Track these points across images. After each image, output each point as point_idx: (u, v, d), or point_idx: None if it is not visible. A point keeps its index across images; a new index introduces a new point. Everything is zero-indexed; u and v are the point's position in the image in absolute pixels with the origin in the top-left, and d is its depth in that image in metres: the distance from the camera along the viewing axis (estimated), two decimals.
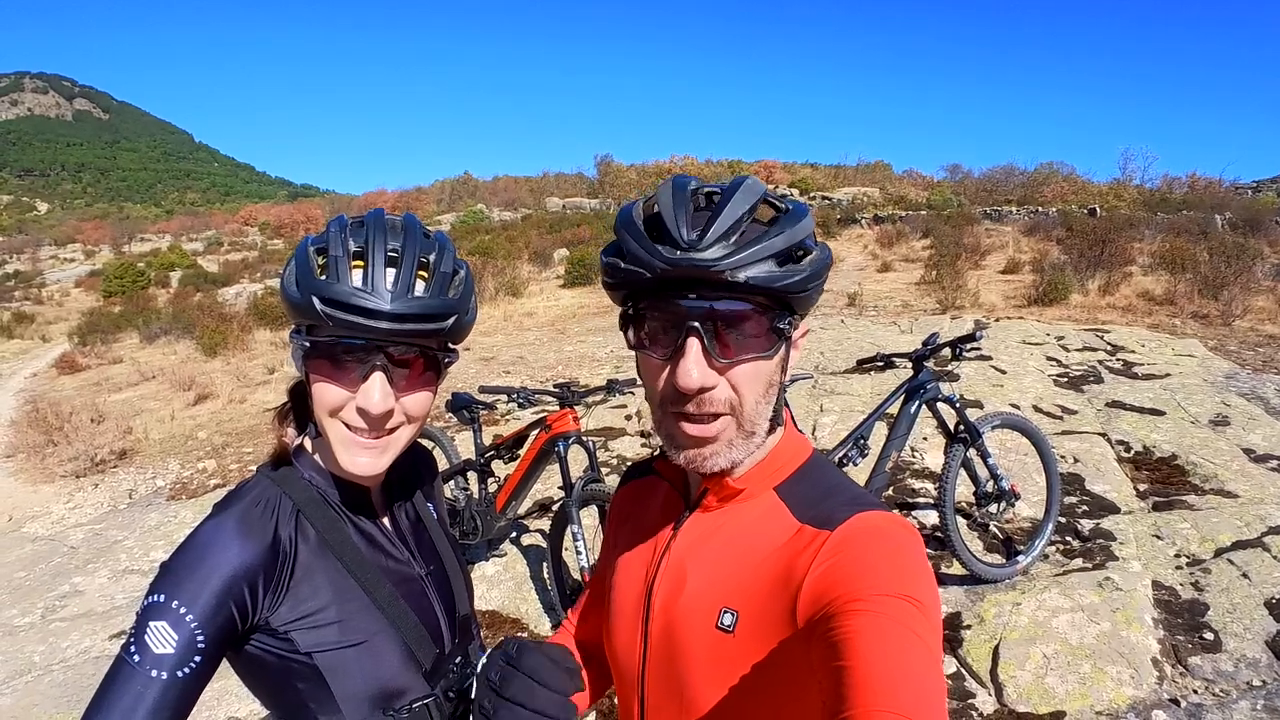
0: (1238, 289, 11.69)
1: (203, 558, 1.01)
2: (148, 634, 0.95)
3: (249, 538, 1.04)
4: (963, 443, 3.77)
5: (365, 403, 1.05)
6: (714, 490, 1.00)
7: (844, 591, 0.80)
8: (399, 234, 1.08)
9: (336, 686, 1.09)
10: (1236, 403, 6.24)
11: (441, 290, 1.08)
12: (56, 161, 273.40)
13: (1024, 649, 3.26)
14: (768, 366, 0.92)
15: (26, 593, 5.86)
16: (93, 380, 16.23)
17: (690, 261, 0.85)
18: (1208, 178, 35.76)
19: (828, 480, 1.00)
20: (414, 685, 1.17)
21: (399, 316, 1.02)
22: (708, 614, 0.95)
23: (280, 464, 1.17)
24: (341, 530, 1.15)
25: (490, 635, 3.99)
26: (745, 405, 0.92)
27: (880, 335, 9.20)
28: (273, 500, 1.11)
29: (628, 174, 49.37)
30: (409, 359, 1.08)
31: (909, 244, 22.67)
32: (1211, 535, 4.09)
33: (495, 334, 14.44)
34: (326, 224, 1.10)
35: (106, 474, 9.10)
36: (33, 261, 56.55)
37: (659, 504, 1.13)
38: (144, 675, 0.93)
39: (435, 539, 1.33)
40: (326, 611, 1.09)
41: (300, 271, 1.05)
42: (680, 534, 1.04)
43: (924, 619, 0.77)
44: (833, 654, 0.75)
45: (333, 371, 1.06)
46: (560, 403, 3.91)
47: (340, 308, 1.01)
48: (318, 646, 1.08)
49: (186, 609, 0.97)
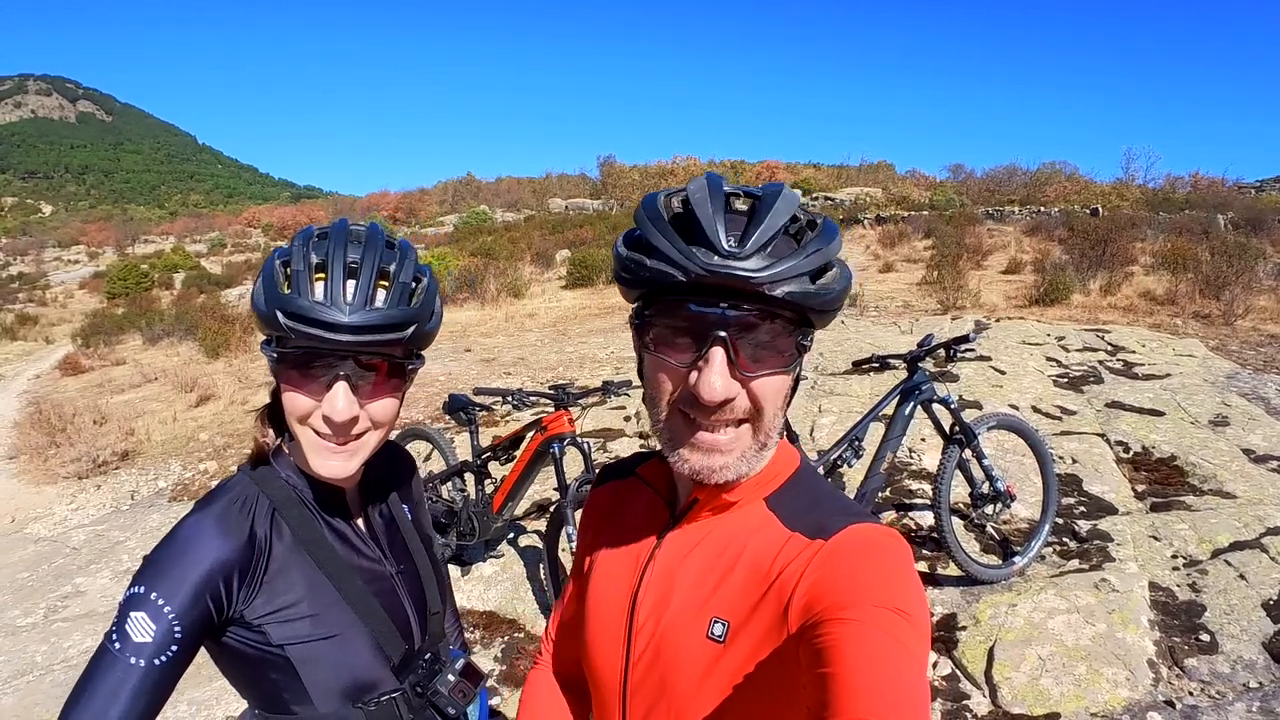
0: (1239, 289, 11.67)
1: (183, 552, 1.06)
2: (128, 623, 1.01)
3: (227, 535, 1.09)
4: (958, 444, 3.76)
5: (329, 411, 1.10)
6: (705, 501, 0.99)
7: (833, 601, 0.80)
8: (359, 245, 1.11)
9: (308, 677, 1.15)
10: (1237, 403, 6.22)
11: (402, 299, 1.11)
12: (60, 163, 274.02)
13: (1019, 650, 3.26)
14: (786, 380, 0.92)
15: (29, 593, 5.88)
16: (96, 382, 16.29)
17: (729, 271, 0.83)
18: (1211, 177, 35.76)
19: (816, 490, 1.00)
20: (384, 679, 1.23)
21: (358, 328, 1.06)
22: (697, 625, 0.94)
23: (259, 464, 1.21)
24: (315, 529, 1.20)
25: (488, 635, 4.00)
26: (765, 417, 0.91)
27: (880, 336, 9.19)
28: (251, 499, 1.15)
29: (630, 175, 49.42)
30: (375, 364, 1.12)
31: (911, 244, 22.67)
32: (1209, 536, 4.08)
33: (496, 335, 14.45)
34: (296, 234, 1.14)
35: (109, 475, 9.14)
36: (37, 263, 56.78)
37: (641, 511, 1.11)
38: (124, 662, 0.99)
39: (408, 539, 1.37)
40: (299, 606, 1.14)
41: (266, 285, 1.08)
42: (665, 544, 1.03)
43: (911, 630, 0.77)
44: (818, 660, 0.75)
45: (300, 380, 1.10)
46: (555, 404, 3.92)
47: (302, 321, 1.04)
48: (290, 639, 1.13)
49: (165, 601, 1.02)
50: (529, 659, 3.75)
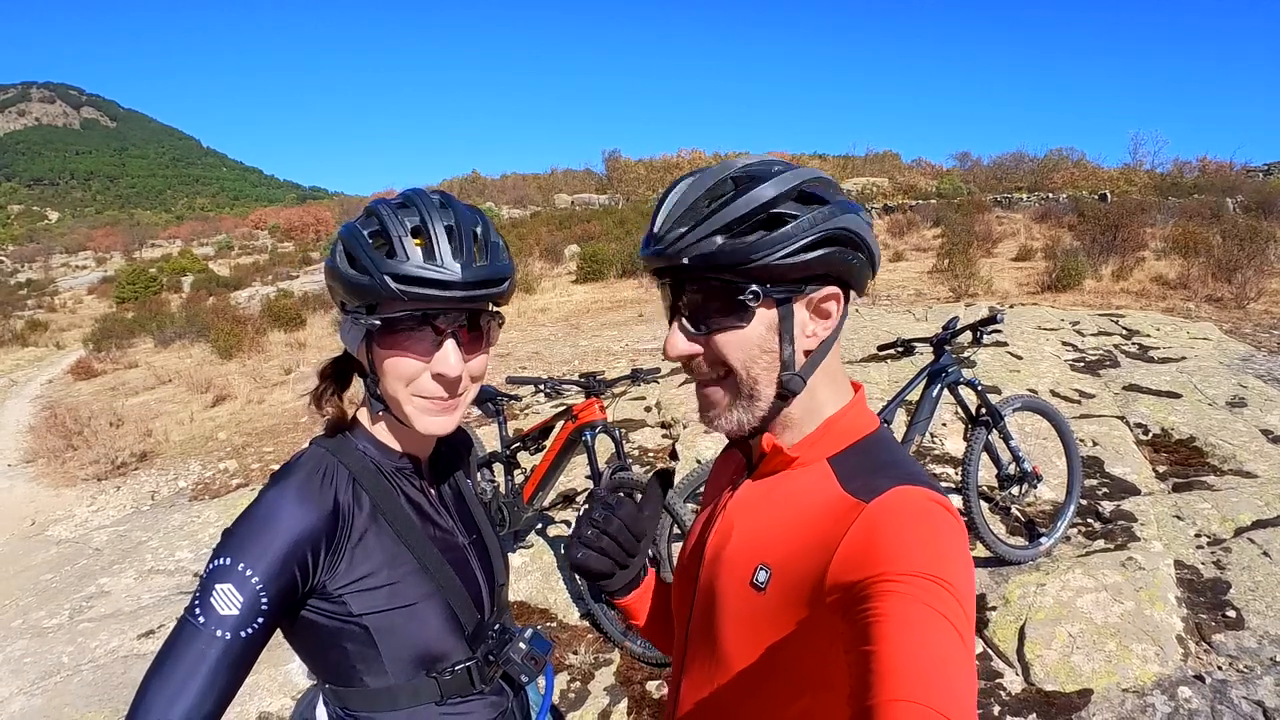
0: (1251, 272, 11.60)
1: (267, 523, 1.05)
2: (213, 596, 0.99)
3: (311, 504, 1.09)
4: (985, 426, 3.78)
5: (443, 368, 1.12)
6: (770, 457, 1.02)
7: (874, 567, 0.79)
8: (448, 210, 1.14)
9: (385, 648, 1.15)
10: (1253, 384, 6.22)
11: (496, 256, 1.16)
12: (65, 170, 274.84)
13: (1049, 629, 3.28)
14: (749, 334, 0.94)
15: (53, 594, 5.92)
16: (109, 385, 16.35)
17: (653, 250, 0.96)
18: (1218, 161, 35.56)
19: (884, 455, 0.98)
20: (456, 649, 1.23)
21: (469, 284, 1.09)
22: (745, 569, 0.97)
23: (333, 435, 1.22)
24: (393, 499, 1.20)
25: (519, 625, 4.02)
26: (735, 371, 0.96)
27: (895, 323, 9.19)
28: (330, 469, 1.15)
29: (636, 169, 49.38)
30: (469, 324, 1.16)
31: (920, 233, 22.65)
32: (1232, 515, 4.09)
33: (509, 330, 14.47)
34: (366, 207, 1.16)
35: (128, 476, 9.19)
36: (45, 270, 56.84)
37: (730, 470, 1.17)
38: (208, 634, 0.97)
39: (474, 511, 1.39)
40: (378, 575, 1.14)
41: (361, 254, 1.09)
42: (737, 494, 1.07)
43: (955, 602, 0.75)
44: (861, 637, 0.74)
45: (404, 344, 1.12)
46: (586, 392, 3.93)
47: (415, 283, 1.07)
48: (369, 609, 1.12)
49: (251, 570, 1.01)
50: (561, 648, 3.79)
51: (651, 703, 3.36)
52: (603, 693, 3.48)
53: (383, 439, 1.23)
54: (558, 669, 3.64)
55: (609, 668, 3.64)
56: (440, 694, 1.20)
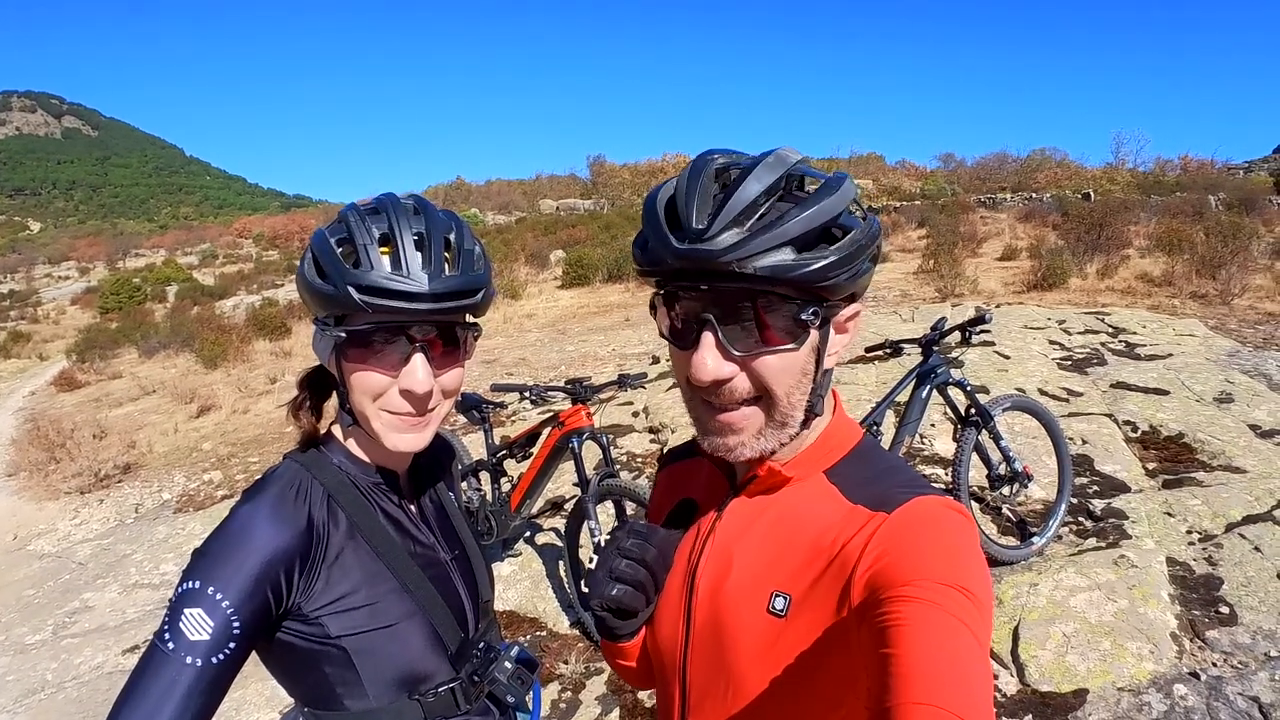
0: (1235, 268, 11.68)
1: (239, 542, 1.00)
2: (182, 620, 0.94)
3: (284, 522, 1.04)
4: (975, 426, 3.77)
5: (410, 384, 1.07)
6: (764, 476, 0.97)
7: (896, 577, 0.78)
8: (419, 216, 1.09)
9: (364, 670, 1.10)
10: (1240, 380, 6.24)
11: (469, 266, 1.10)
12: (47, 180, 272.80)
13: (1044, 629, 3.26)
14: (795, 357, 0.87)
15: (36, 610, 5.85)
16: (93, 396, 16.24)
17: (696, 252, 0.81)
18: (1200, 159, 35.94)
19: (880, 463, 0.96)
20: (439, 669, 1.18)
21: (437, 296, 1.04)
22: (758, 598, 0.92)
23: (306, 449, 1.17)
24: (371, 515, 1.15)
25: (509, 634, 3.98)
26: (775, 396, 0.88)
27: (882, 324, 9.20)
28: (304, 484, 1.11)
29: (621, 174, 49.47)
30: (445, 334, 1.10)
31: (905, 234, 22.74)
32: (1222, 511, 4.09)
33: (495, 336, 14.44)
34: (340, 212, 1.11)
35: (111, 489, 9.11)
36: (27, 280, 56.58)
37: (702, 486, 1.11)
38: (178, 661, 0.92)
39: (456, 525, 1.34)
40: (357, 595, 1.09)
41: (327, 264, 1.05)
42: (725, 516, 1.01)
43: (975, 609, 0.74)
44: (880, 640, 0.73)
45: (370, 358, 1.07)
46: (572, 399, 3.90)
47: (379, 294, 1.02)
48: (348, 630, 1.08)
49: (222, 594, 0.96)
50: (551, 657, 3.75)
51: (644, 711, 3.32)
52: (594, 702, 3.44)
53: (356, 453, 1.18)
54: (549, 679, 3.60)
55: (600, 677, 3.60)
56: (424, 716, 1.16)
